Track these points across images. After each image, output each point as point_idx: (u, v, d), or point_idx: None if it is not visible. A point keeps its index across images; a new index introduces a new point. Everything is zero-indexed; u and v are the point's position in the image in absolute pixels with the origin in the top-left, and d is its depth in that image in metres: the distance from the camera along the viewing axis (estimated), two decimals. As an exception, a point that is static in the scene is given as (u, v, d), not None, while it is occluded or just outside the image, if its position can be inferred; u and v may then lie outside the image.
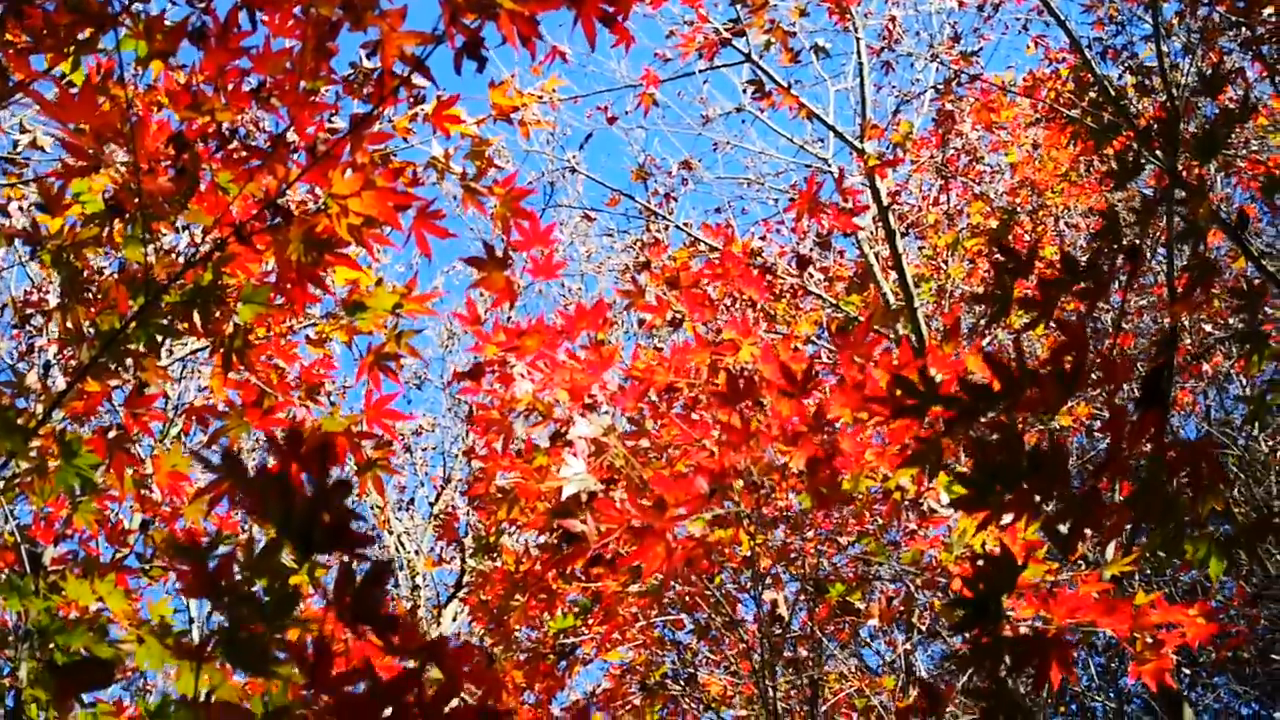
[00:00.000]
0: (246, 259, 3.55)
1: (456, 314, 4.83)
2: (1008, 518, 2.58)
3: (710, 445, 3.98)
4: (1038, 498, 2.47)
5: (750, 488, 4.06)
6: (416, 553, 13.39)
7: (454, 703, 1.66)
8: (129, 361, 3.70)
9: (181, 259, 3.75)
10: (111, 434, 4.01)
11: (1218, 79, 3.95)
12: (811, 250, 7.96)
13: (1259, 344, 3.31)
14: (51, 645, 3.28)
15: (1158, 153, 3.84)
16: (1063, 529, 2.52)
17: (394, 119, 4.10)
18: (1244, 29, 6.38)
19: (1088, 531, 2.57)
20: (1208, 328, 9.75)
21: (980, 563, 2.54)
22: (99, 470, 3.76)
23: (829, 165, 10.24)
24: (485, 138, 4.09)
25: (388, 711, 1.66)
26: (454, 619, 11.85)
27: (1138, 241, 2.93)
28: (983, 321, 9.26)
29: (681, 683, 6.98)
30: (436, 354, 15.88)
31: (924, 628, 7.08)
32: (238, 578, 1.89)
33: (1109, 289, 2.83)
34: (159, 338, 3.57)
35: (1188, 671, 10.42)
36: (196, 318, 3.52)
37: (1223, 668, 10.58)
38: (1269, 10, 5.67)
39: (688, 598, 6.58)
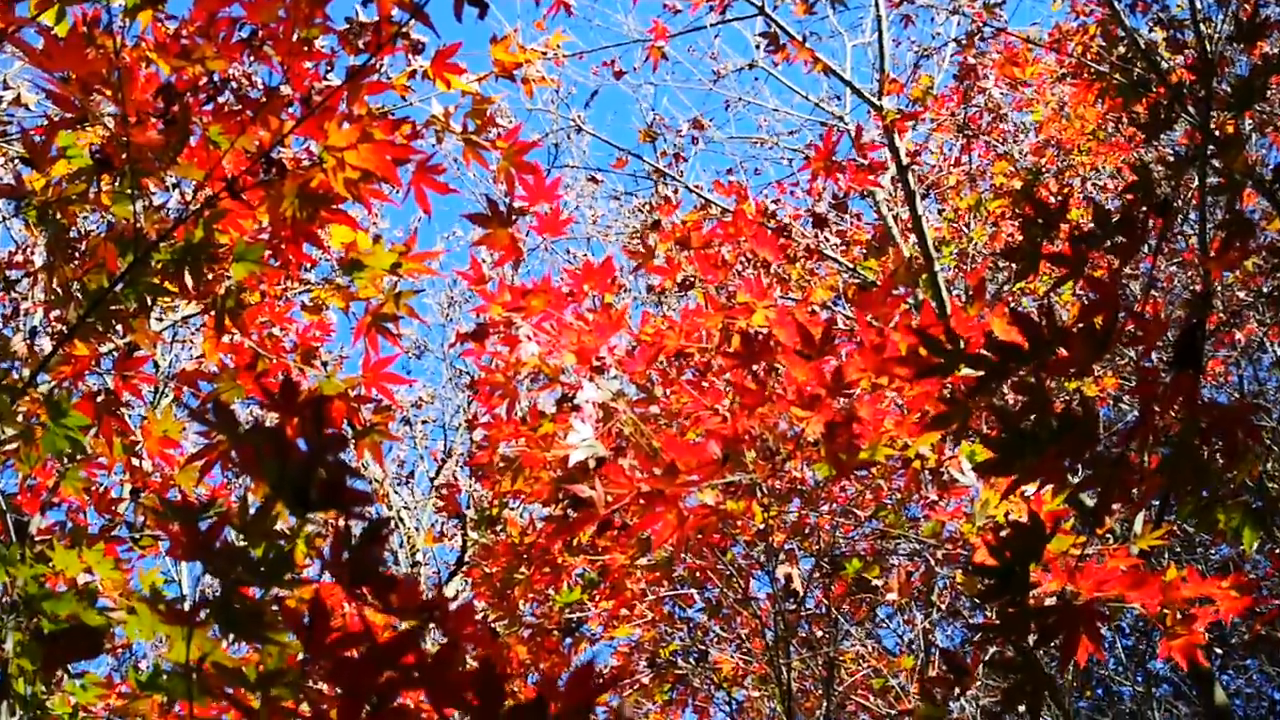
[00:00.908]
0: (239, 215, 3.54)
1: (460, 272, 4.82)
2: (1034, 485, 2.57)
3: (723, 411, 3.98)
4: (1065, 464, 2.46)
5: (764, 455, 4.06)
6: (417, 529, 13.42)
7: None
8: (118, 324, 3.69)
9: (172, 216, 3.74)
10: (100, 398, 4.01)
11: (1254, 30, 3.91)
12: (828, 212, 7.94)
13: (1295, 307, 3.30)
14: (38, 615, 3.29)
15: (1190, 109, 3.82)
16: (1089, 500, 2.51)
17: (392, 75, 4.09)
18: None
19: (1116, 505, 2.56)
20: (1241, 294, 9.73)
21: (1006, 531, 2.53)
22: (88, 434, 3.77)
23: (845, 123, 10.20)
24: (486, 96, 4.07)
25: (387, 675, 1.66)
26: (455, 596, 11.89)
27: (1169, 200, 2.91)
28: (1006, 286, 9.23)
29: (691, 661, 7.00)
30: (437, 323, 15.86)
31: (944, 605, 7.08)
32: (231, 540, 1.89)
33: (1141, 246, 2.81)
34: (149, 298, 3.57)
35: (1219, 652, 10.42)
36: (188, 277, 3.52)
37: (1255, 649, 10.59)
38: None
39: (698, 573, 6.59)
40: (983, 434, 2.58)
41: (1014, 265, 2.91)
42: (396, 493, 13.78)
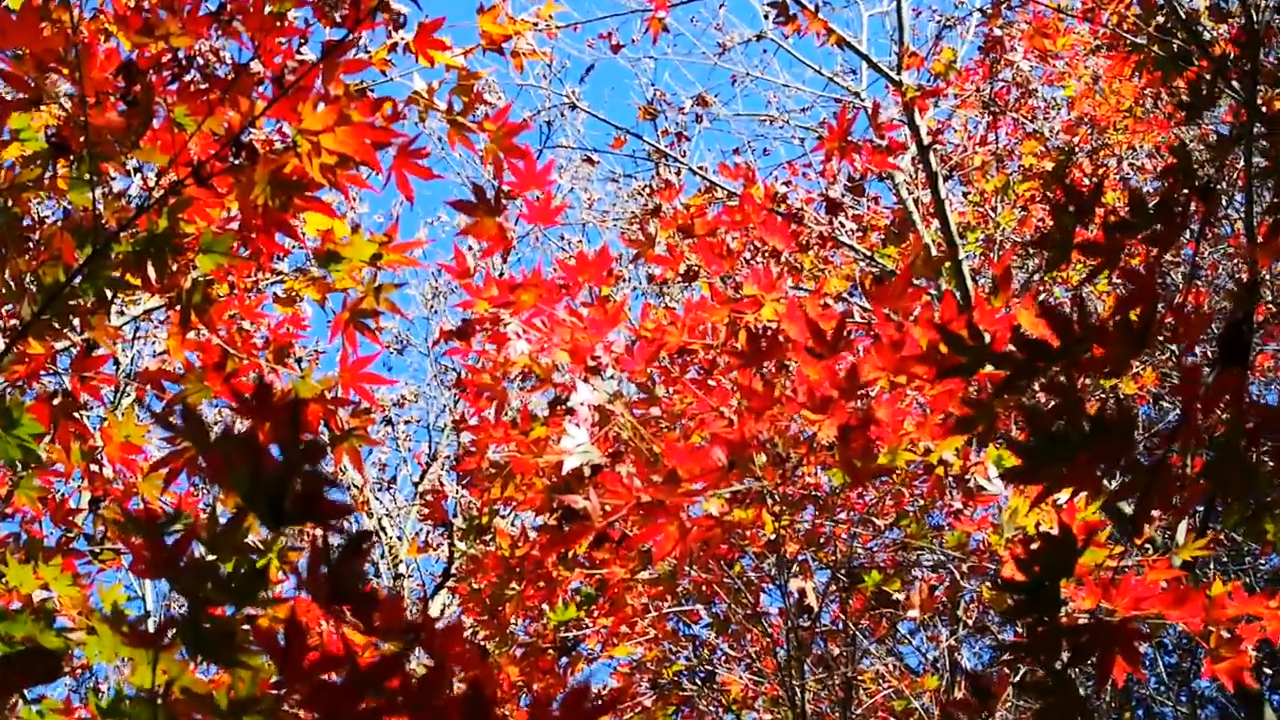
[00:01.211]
0: (206, 203, 3.54)
1: (443, 265, 4.82)
2: (1066, 492, 2.57)
3: (729, 413, 3.98)
4: (1100, 469, 2.46)
5: (774, 461, 4.06)
6: (399, 538, 13.43)
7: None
8: (75, 319, 3.70)
9: (133, 204, 3.75)
10: (56, 400, 4.02)
11: (1305, -2, 3.92)
12: (843, 195, 7.93)
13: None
14: (-9, 636, 3.29)
15: (1234, 84, 3.82)
16: (1128, 509, 2.52)
17: (371, 50, 4.09)
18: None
19: (1155, 512, 2.56)
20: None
21: (1035, 543, 2.53)
22: (42, 441, 3.77)
23: (862, 99, 10.21)
24: (473, 70, 4.07)
25: (369, 700, 1.67)
26: (442, 611, 11.90)
27: (1212, 183, 2.91)
28: (1036, 276, 9.24)
29: (698, 682, 7.01)
30: (420, 315, 15.86)
31: (970, 621, 7.08)
32: (199, 555, 1.90)
33: (1181, 233, 2.81)
34: (109, 292, 3.58)
35: (1269, 672, 10.43)
36: (150, 270, 3.52)
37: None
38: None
39: (704, 587, 6.60)
40: (1009, 437, 2.58)
41: (1044, 254, 2.92)
42: (377, 499, 13.79)
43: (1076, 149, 10.15)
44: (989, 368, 2.54)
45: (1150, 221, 2.74)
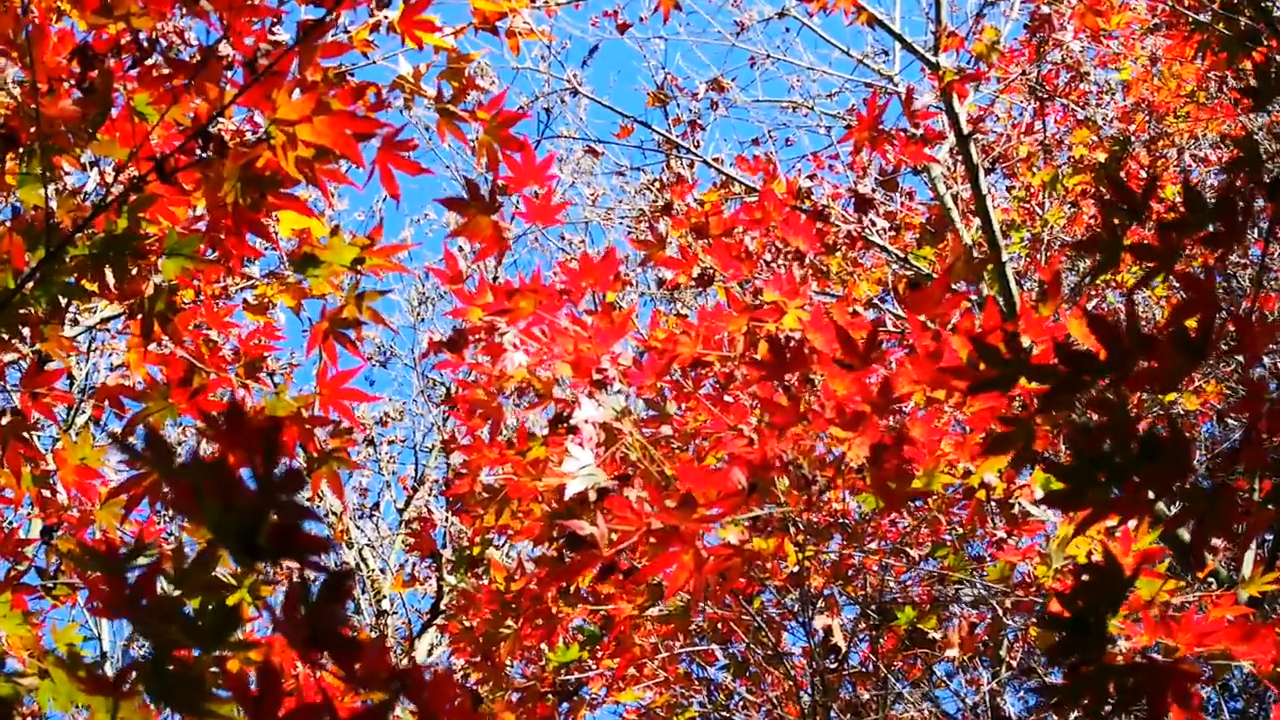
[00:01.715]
0: (170, 201, 3.56)
1: (432, 269, 4.82)
2: (1114, 520, 2.58)
3: (749, 432, 3.99)
4: (1152, 494, 2.47)
5: (798, 484, 4.07)
6: (383, 571, 13.42)
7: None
8: (26, 330, 3.72)
9: (90, 202, 3.77)
10: (5, 419, 4.03)
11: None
12: (874, 191, 7.93)
13: None
14: (-66, 680, 3.31)
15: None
16: (1186, 534, 2.53)
17: (351, 30, 4.10)
18: None
19: (1218, 541, 2.57)
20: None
21: (1083, 574, 2.54)
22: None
23: (895, 84, 10.22)
24: (465, 53, 4.09)
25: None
26: (429, 652, 11.90)
27: (1281, 176, 2.92)
28: (1087, 280, 9.23)
29: (713, 729, 7.01)
30: (406, 324, 15.87)
31: (1014, 663, 7.09)
32: (164, 593, 1.91)
33: (1245, 235, 2.83)
34: (63, 300, 3.59)
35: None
36: (109, 275, 3.54)
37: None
38: None
39: (720, 624, 6.61)
40: (1048, 459, 2.58)
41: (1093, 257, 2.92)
42: (358, 527, 13.78)
43: (1132, 139, 10.16)
44: (1029, 382, 2.55)
45: (1210, 219, 2.74)
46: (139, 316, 3.78)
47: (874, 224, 8.08)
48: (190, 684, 1.90)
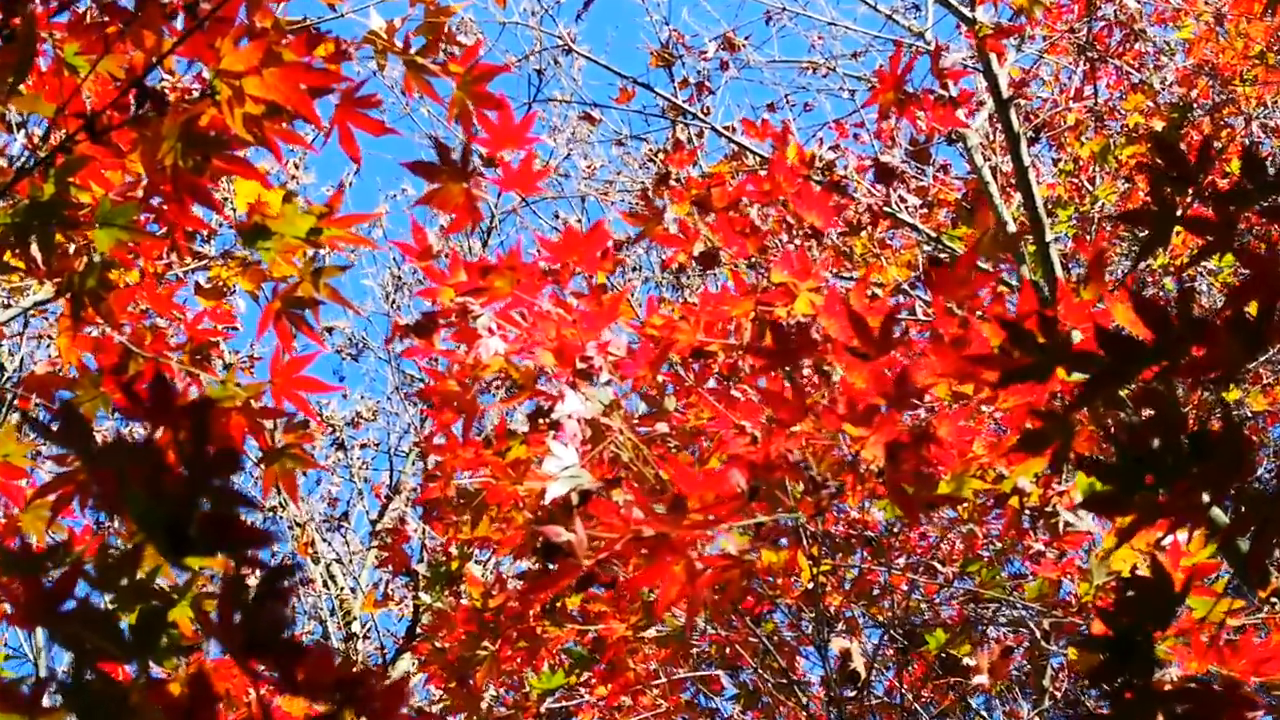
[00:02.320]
0: (103, 164, 3.55)
1: (398, 244, 4.80)
2: (1163, 527, 2.58)
3: (753, 430, 3.97)
4: (1206, 497, 2.46)
5: (810, 489, 4.06)
6: (353, 590, 13.41)
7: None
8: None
9: (13, 166, 3.77)
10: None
11: None
12: (903, 162, 7.91)
13: None
14: None
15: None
16: (1244, 545, 2.51)
17: (315, -26, 4.09)
18: None
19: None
20: None
21: (1127, 590, 2.54)
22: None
23: (928, 42, 10.21)
24: (444, 4, 4.07)
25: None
26: (405, 680, 11.87)
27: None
28: (1127, 260, 9.22)
29: (718, 766, 7.02)
30: (379, 312, 15.84)
31: (1058, 693, 7.10)
32: (86, 599, 1.90)
33: (1313, 207, 2.81)
34: (-17, 276, 3.59)
35: None
36: (35, 248, 3.53)
37: None
38: None
39: (727, 648, 6.61)
40: (1088, 459, 2.55)
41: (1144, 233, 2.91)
42: (326, 540, 13.76)
43: (1194, 105, 10.14)
44: (1067, 374, 2.54)
45: (1272, 191, 2.73)
46: (69, 294, 3.77)
47: (903, 200, 8.07)
48: (118, 703, 1.89)
